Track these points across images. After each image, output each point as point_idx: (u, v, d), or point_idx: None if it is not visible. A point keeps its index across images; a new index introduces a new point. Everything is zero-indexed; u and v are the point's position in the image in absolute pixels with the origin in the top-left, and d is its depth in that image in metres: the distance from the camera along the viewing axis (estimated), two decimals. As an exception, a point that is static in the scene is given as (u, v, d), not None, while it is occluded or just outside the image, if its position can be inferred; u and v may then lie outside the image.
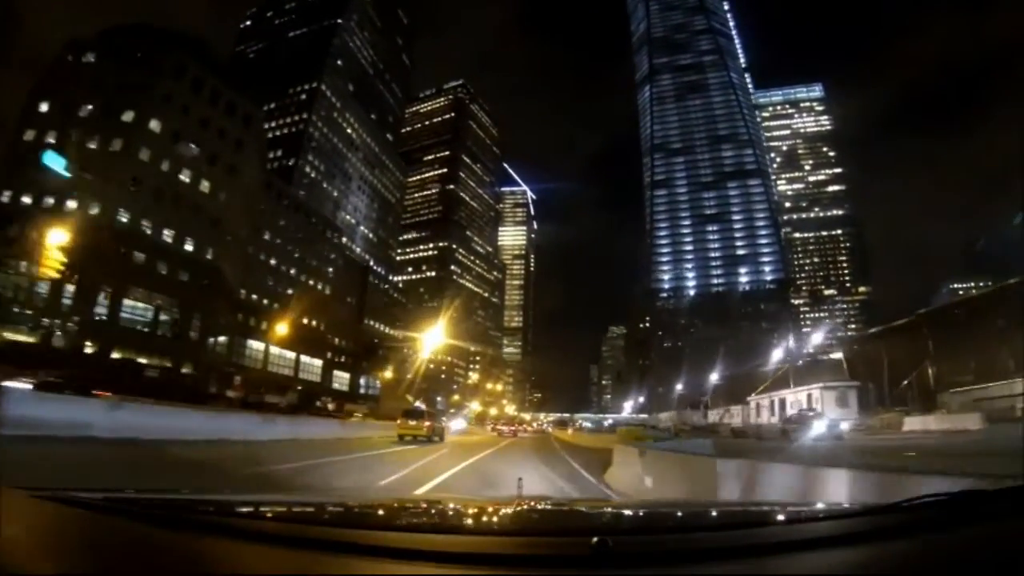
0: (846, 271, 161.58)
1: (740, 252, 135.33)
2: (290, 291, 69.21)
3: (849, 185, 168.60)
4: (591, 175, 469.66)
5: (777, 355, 58.74)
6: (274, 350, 62.36)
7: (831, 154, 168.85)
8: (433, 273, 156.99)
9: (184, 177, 50.63)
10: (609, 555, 1.16)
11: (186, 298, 47.78)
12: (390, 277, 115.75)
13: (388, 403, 76.23)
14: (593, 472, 12.77)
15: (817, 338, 53.96)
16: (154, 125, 49.35)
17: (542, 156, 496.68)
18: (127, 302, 44.71)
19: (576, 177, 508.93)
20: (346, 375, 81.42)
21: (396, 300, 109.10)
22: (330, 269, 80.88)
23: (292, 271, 70.72)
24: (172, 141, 50.11)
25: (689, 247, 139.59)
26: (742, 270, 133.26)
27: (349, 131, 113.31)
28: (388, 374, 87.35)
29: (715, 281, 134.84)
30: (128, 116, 48.16)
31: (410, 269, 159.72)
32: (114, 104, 47.20)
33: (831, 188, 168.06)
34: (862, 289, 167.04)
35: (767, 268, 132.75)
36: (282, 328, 54.75)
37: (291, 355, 65.39)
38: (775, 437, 25.42)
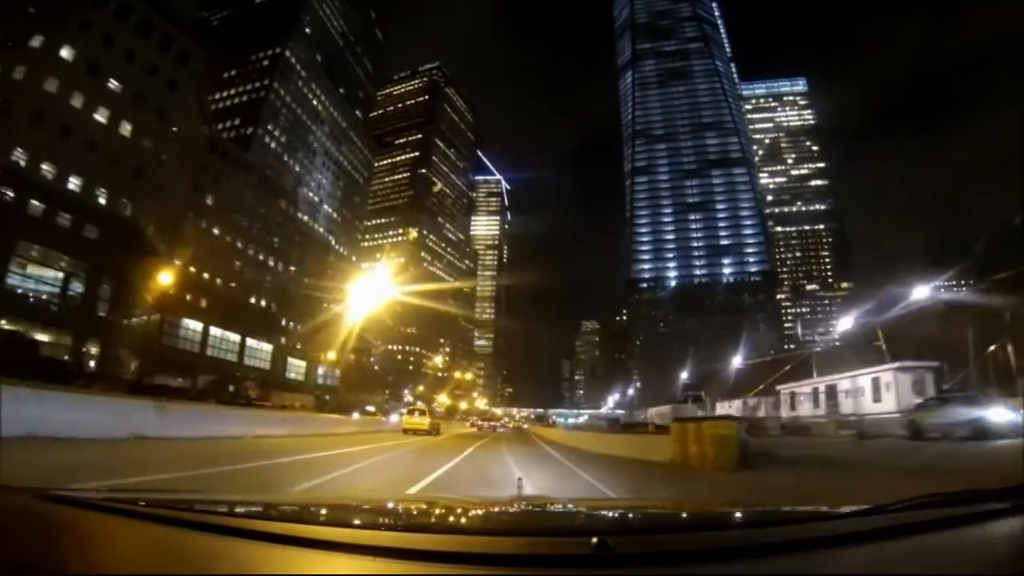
0: (828, 266, 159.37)
1: (724, 242, 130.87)
2: (238, 265, 60.69)
3: (832, 180, 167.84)
4: (567, 168, 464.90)
5: (772, 346, 54.47)
6: (215, 331, 53.88)
7: (814, 148, 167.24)
8: (402, 260, 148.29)
9: (100, 117, 41.94)
10: (610, 555, 1.15)
11: (98, 262, 39.16)
12: (353, 259, 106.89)
13: (349, 395, 68.44)
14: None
15: (845, 323, 47.93)
16: (66, 53, 40.65)
17: (518, 146, 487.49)
18: (23, 263, 36.12)
19: (551, 169, 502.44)
20: (302, 363, 73.05)
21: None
22: (286, 245, 72.48)
23: (240, 243, 62.20)
24: (88, 74, 41.47)
25: (671, 236, 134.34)
26: (726, 260, 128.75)
27: (315, 103, 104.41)
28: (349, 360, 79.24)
29: (698, 272, 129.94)
30: (36, 41, 39.46)
31: (378, 256, 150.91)
32: (19, 26, 38.47)
33: (814, 183, 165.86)
34: (844, 285, 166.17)
35: (752, 259, 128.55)
36: (224, 308, 46.71)
37: (235, 338, 56.92)
38: (887, 434, 17.85)
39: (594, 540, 1.17)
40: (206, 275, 55.16)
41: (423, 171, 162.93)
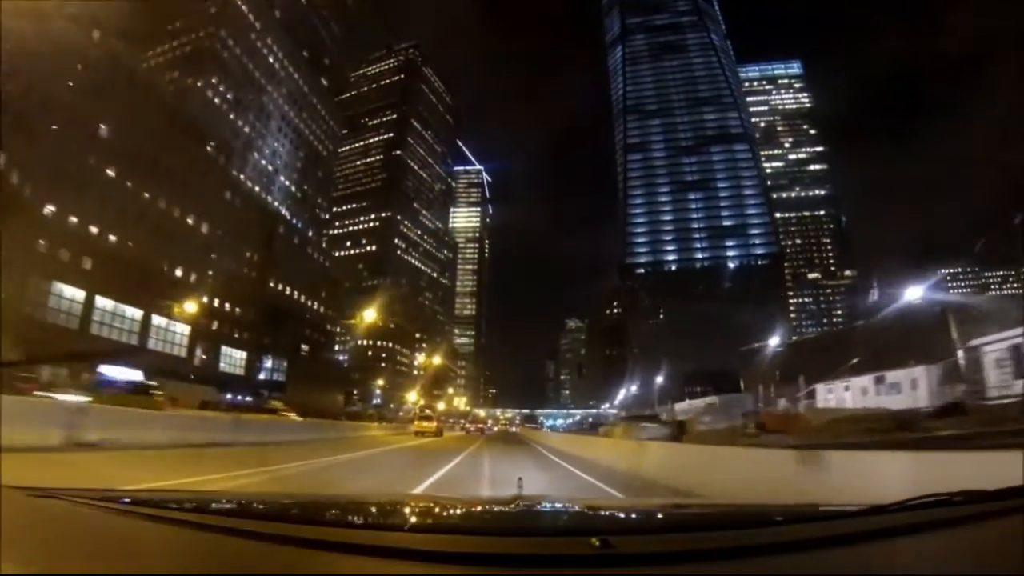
0: (830, 254, 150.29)
1: (727, 223, 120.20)
2: (145, 225, 47.56)
3: (831, 165, 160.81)
4: (550, 159, 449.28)
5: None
6: (104, 303, 40.88)
7: (812, 132, 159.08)
8: (374, 247, 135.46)
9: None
10: (612, 555, 1.15)
11: None
12: (310, 234, 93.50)
13: (302, 394, 55.68)
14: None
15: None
16: None
17: (499, 136, 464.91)
18: None
19: (534, 160, 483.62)
20: (240, 354, 60.02)
21: (323, 267, 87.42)
22: (222, 210, 59.34)
23: (151, 196, 48.95)
24: None
25: (669, 217, 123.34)
26: (730, 243, 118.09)
27: (271, 60, 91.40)
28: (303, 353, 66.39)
29: (700, 256, 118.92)
30: None
31: (348, 244, 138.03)
32: None
33: (813, 167, 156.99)
34: (848, 273, 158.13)
35: (758, 241, 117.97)
36: (118, 272, 33.76)
37: (136, 313, 43.88)
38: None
39: (595, 540, 1.16)
40: (95, 228, 41.96)
41: (398, 152, 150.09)
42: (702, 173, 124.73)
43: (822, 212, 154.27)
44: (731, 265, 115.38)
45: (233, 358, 58.83)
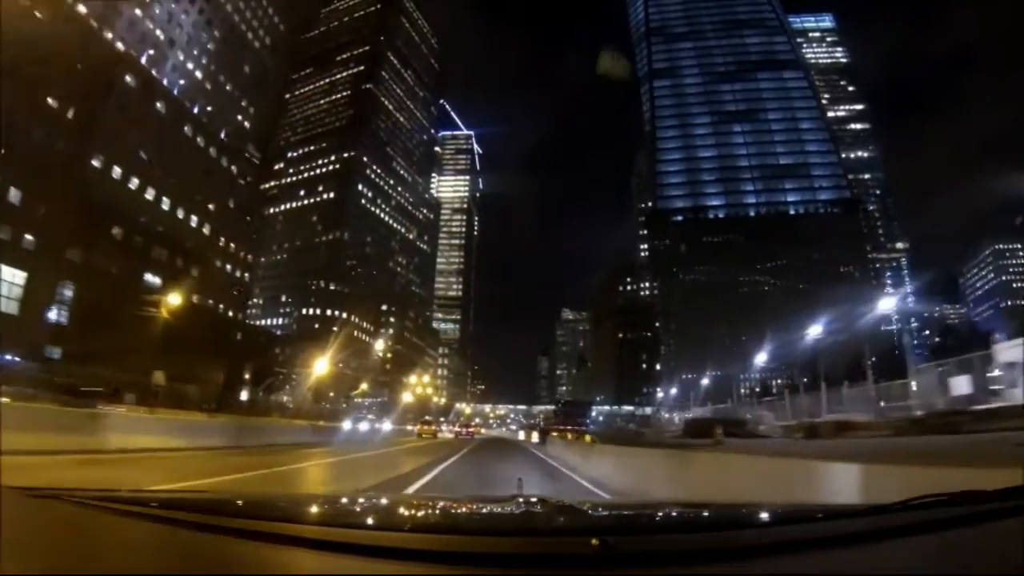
0: (877, 223, 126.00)
1: (783, 161, 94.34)
2: None
3: (875, 125, 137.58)
4: (548, 136, 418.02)
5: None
6: None
7: (850, 88, 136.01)
8: (332, 194, 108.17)
9: None
10: (611, 555, 1.14)
11: None
12: (223, 137, 65.36)
13: (172, 366, 29.63)
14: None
15: None
16: None
17: (491, 96, 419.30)
18: None
19: (530, 135, 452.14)
20: (18, 275, 33.18)
21: (230, 180, 60.01)
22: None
23: None
24: None
25: (710, 153, 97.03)
26: (789, 185, 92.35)
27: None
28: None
29: (751, 199, 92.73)
30: None
31: (303, 192, 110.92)
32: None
33: (853, 126, 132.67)
34: (900, 245, 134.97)
35: (824, 184, 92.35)
36: None
37: None
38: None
39: (595, 540, 1.16)
40: None
41: (368, 86, 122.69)
42: (748, 103, 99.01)
43: (867, 176, 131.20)
44: (792, 212, 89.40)
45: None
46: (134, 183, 43.89)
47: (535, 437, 38.94)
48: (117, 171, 42.45)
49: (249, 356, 52.03)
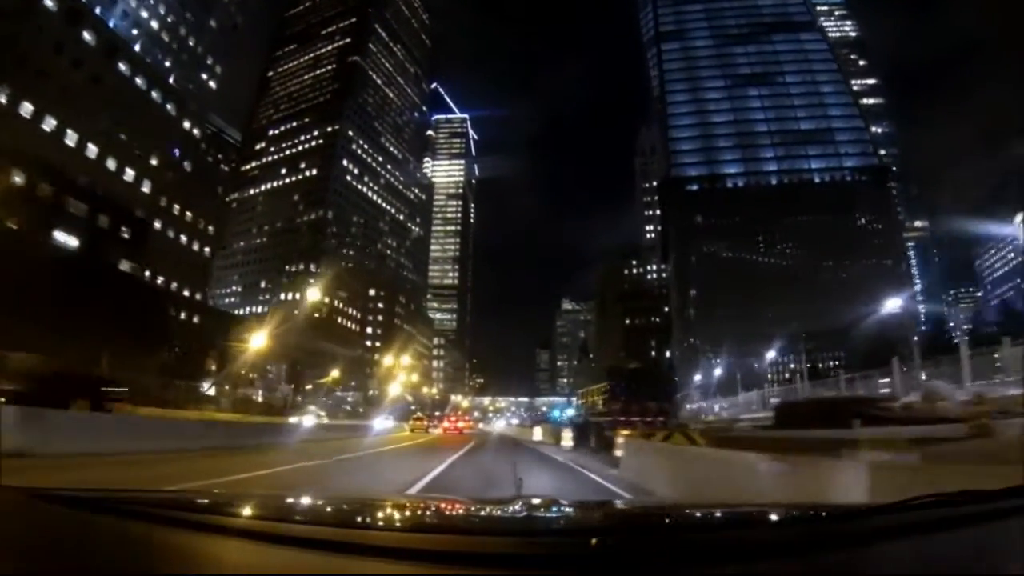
0: (896, 202, 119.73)
1: (804, 126, 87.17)
2: None
3: (889, 99, 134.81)
4: (547, 122, 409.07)
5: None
6: None
7: (861, 63, 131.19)
8: (315, 171, 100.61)
9: None
10: (611, 555, 1.14)
11: None
12: (171, 80, 57.95)
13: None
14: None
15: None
16: None
17: (486, 77, 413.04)
18: None
19: (528, 120, 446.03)
20: None
21: (190, 143, 52.41)
22: None
23: None
24: None
25: (724, 118, 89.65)
26: (812, 151, 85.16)
27: None
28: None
29: (772, 166, 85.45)
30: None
31: (284, 171, 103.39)
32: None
33: (865, 101, 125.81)
34: (918, 224, 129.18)
35: (850, 150, 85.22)
36: None
37: None
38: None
39: (594, 540, 1.16)
40: None
41: (355, 59, 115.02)
42: (764, 65, 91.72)
43: (883, 152, 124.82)
44: (817, 180, 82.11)
45: None
46: (50, 123, 36.24)
47: (566, 439, 23.71)
48: (28, 107, 34.86)
49: (199, 340, 44.32)
